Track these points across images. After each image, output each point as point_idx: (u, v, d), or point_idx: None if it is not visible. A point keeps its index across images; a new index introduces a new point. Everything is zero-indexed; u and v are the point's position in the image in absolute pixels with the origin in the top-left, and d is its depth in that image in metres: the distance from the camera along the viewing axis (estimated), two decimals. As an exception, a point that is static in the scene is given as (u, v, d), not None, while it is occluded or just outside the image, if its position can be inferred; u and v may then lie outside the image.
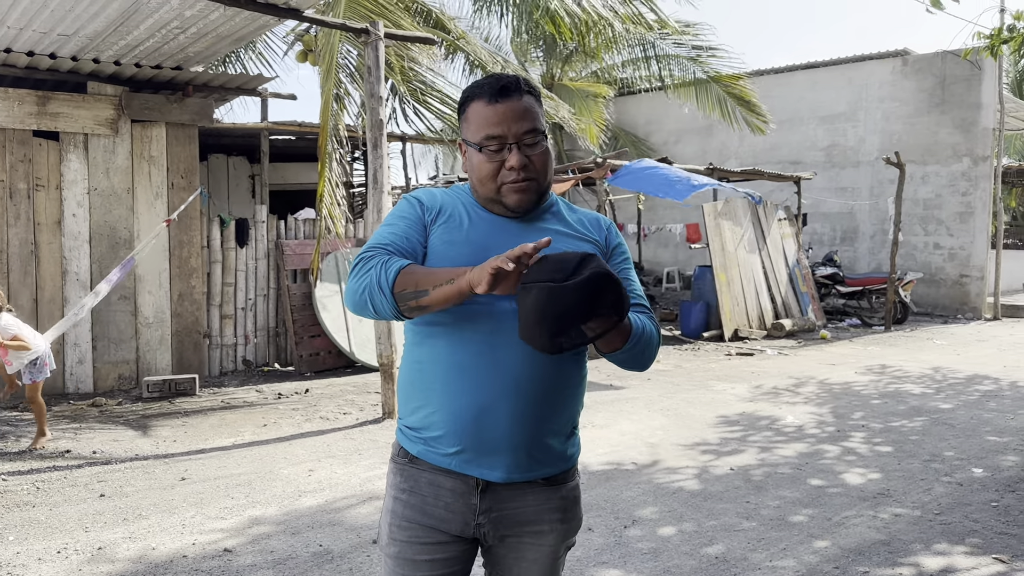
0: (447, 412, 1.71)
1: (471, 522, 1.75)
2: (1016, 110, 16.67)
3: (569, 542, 1.87)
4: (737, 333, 11.63)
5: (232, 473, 5.18)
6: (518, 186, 1.72)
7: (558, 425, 1.77)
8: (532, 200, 1.75)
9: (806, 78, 16.79)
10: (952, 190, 15.20)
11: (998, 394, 7.82)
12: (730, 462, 5.45)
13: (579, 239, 1.81)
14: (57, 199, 7.59)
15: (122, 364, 7.93)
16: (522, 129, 1.71)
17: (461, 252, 1.71)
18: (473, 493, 1.74)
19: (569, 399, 1.79)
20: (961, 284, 15.22)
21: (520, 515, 1.77)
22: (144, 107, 7.91)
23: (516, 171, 1.71)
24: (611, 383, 8.32)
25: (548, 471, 1.78)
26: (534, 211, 1.80)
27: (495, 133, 1.70)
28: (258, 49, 12.67)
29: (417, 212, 1.80)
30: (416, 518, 1.77)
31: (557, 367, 1.72)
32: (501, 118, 1.71)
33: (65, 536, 4.07)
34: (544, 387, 1.71)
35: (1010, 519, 4.37)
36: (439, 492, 1.75)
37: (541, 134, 1.74)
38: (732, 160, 17.05)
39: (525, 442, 1.72)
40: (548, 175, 1.78)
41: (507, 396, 1.68)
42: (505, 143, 1.71)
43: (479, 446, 1.71)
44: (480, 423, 1.69)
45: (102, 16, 6.22)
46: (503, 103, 1.72)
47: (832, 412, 7.01)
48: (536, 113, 1.74)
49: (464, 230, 1.75)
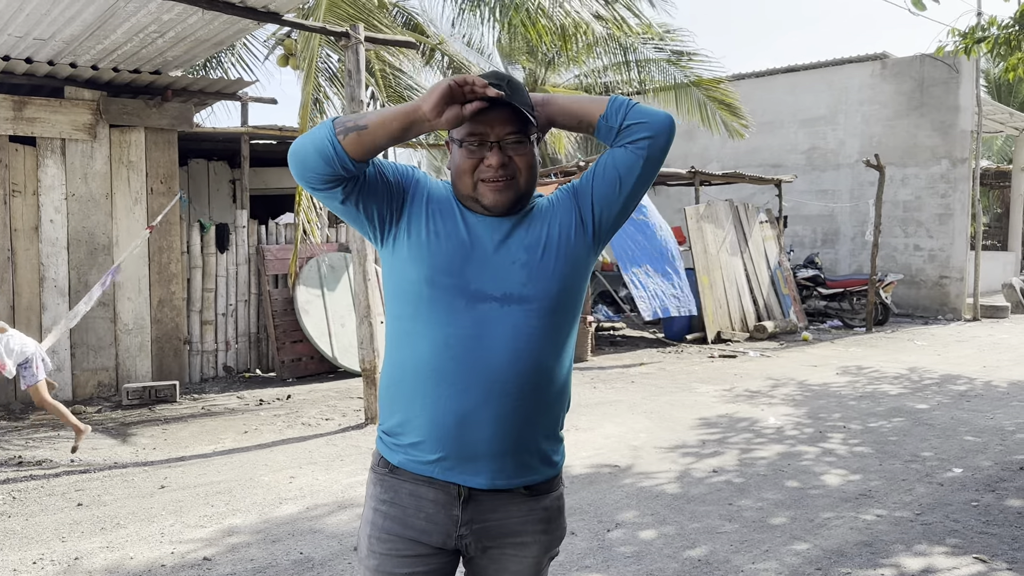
0: (428, 417, 1.68)
1: (453, 533, 1.73)
2: (993, 112, 16.87)
3: (552, 553, 1.84)
4: (720, 335, 11.68)
5: (212, 481, 5.13)
6: (495, 184, 1.70)
7: (544, 427, 1.75)
8: (509, 200, 1.72)
9: (786, 81, 16.91)
10: (931, 192, 15.34)
11: (976, 394, 7.89)
12: (712, 464, 5.46)
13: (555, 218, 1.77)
14: (34, 205, 7.51)
15: (101, 371, 7.85)
16: (506, 130, 1.70)
17: (443, 248, 1.70)
18: (455, 504, 1.72)
19: (554, 399, 1.76)
20: (941, 285, 15.36)
21: (503, 526, 1.75)
22: (123, 112, 7.84)
23: (494, 169, 1.69)
24: (595, 386, 8.32)
25: (533, 478, 1.76)
26: (516, 214, 1.77)
27: (478, 131, 1.69)
28: (239, 53, 12.61)
29: (409, 175, 1.79)
30: (396, 530, 1.74)
31: (541, 365, 1.70)
32: (485, 117, 1.69)
33: (41, 546, 4.01)
34: (528, 387, 1.69)
35: (990, 519, 4.41)
36: (420, 503, 1.73)
37: (527, 138, 1.73)
38: (714, 163, 17.14)
39: (510, 446, 1.70)
40: (530, 180, 1.75)
41: (490, 399, 1.66)
42: (487, 141, 1.70)
43: (461, 452, 1.68)
44: (463, 428, 1.67)
45: (79, 20, 6.16)
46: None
47: (812, 413, 7.04)
48: (524, 118, 1.72)
49: (455, 223, 1.73)
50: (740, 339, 11.80)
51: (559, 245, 1.75)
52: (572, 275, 1.76)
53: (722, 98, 14.31)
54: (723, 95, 14.31)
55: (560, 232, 1.76)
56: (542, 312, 1.71)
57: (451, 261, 1.69)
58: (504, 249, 1.72)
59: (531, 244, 1.73)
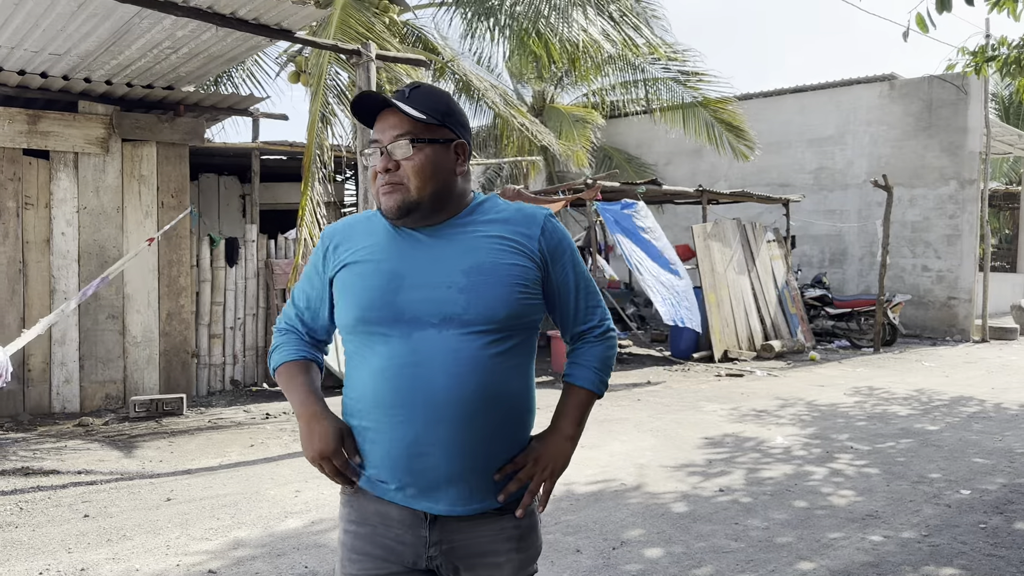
0: (381, 448, 1.66)
1: (423, 554, 1.69)
2: (1002, 134, 16.86)
3: (530, 570, 1.78)
4: (727, 354, 11.65)
5: (218, 494, 5.14)
6: (383, 189, 1.69)
7: (503, 450, 1.70)
8: (396, 205, 1.67)
9: (795, 101, 16.96)
10: (939, 213, 15.33)
11: (985, 416, 7.85)
12: (718, 483, 5.44)
13: (505, 246, 1.70)
14: (46, 217, 7.57)
15: (109, 384, 7.88)
16: (393, 134, 1.67)
17: (370, 284, 1.69)
18: (422, 525, 1.68)
19: (510, 420, 1.70)
20: (949, 306, 15.31)
21: (473, 546, 1.70)
22: (135, 126, 7.92)
23: (380, 175, 1.69)
24: (601, 404, 8.31)
25: (500, 500, 1.70)
26: (439, 222, 1.72)
27: (374, 138, 1.71)
28: (250, 69, 12.73)
29: (318, 259, 1.84)
30: (367, 549, 1.71)
31: (488, 390, 1.64)
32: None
33: (48, 557, 4.02)
34: (476, 412, 1.63)
35: (998, 541, 4.38)
36: (389, 522, 1.70)
37: (416, 140, 1.67)
38: (722, 182, 17.16)
39: (464, 472, 1.65)
40: (423, 184, 1.67)
41: (436, 426, 1.61)
42: (381, 147, 1.69)
43: (418, 481, 1.65)
44: (412, 458, 1.63)
45: (94, 36, 6.25)
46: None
47: (820, 433, 7.01)
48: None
49: (376, 261, 1.71)
50: (747, 358, 11.77)
51: (506, 273, 1.67)
52: (520, 300, 1.68)
53: (729, 120, 14.37)
54: (730, 117, 14.38)
55: (506, 261, 1.69)
56: (488, 334, 1.64)
57: (383, 295, 1.66)
58: (440, 271, 1.67)
59: (470, 268, 1.66)
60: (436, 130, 1.69)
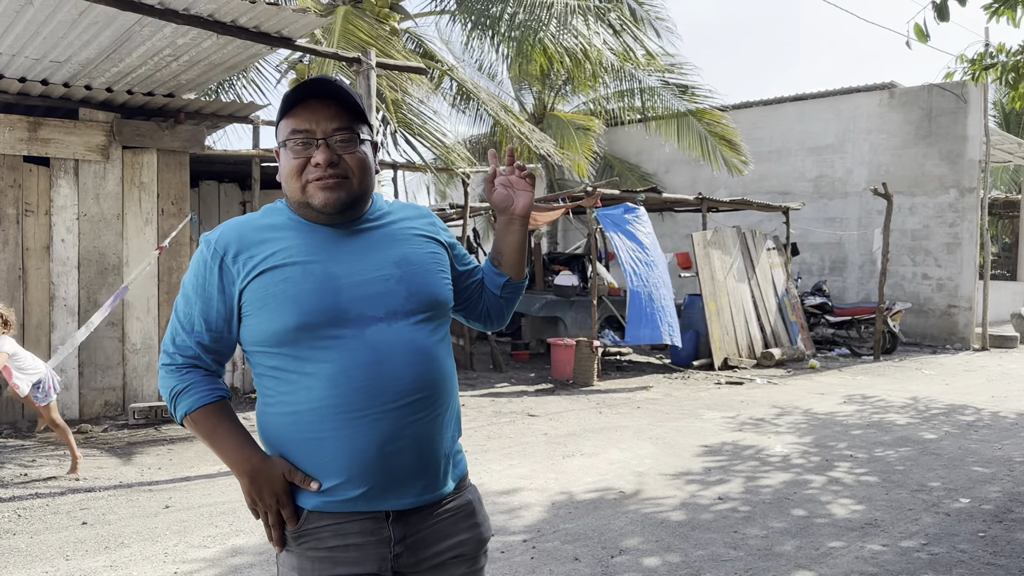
0: (346, 455, 1.59)
1: (387, 556, 1.65)
2: (1002, 142, 16.89)
3: (487, 540, 1.81)
4: (727, 362, 11.64)
5: (216, 501, 5.13)
6: (324, 183, 1.62)
7: (452, 432, 1.75)
8: (341, 200, 1.64)
9: (795, 110, 16.99)
10: (939, 221, 15.34)
11: (984, 424, 7.84)
12: (718, 491, 5.43)
13: (421, 237, 1.78)
14: (46, 224, 7.58)
15: (108, 391, 7.87)
16: (332, 126, 1.63)
17: (305, 288, 1.61)
18: (384, 526, 1.65)
19: (454, 402, 1.76)
20: (949, 314, 15.31)
21: (438, 531, 1.71)
22: (136, 133, 7.93)
23: (322, 167, 1.62)
24: (600, 411, 8.30)
25: (453, 482, 1.75)
26: (357, 218, 1.71)
27: (302, 128, 1.63)
28: (251, 76, 12.76)
29: (209, 274, 1.67)
30: (327, 569, 1.63)
31: (440, 373, 1.69)
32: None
33: (45, 564, 4.02)
34: (435, 398, 1.67)
35: (997, 549, 4.37)
36: (347, 538, 1.63)
37: (358, 137, 1.67)
38: (721, 190, 17.18)
39: (431, 460, 1.67)
40: (364, 179, 1.68)
41: (408, 419, 1.61)
42: (313, 139, 1.63)
43: (387, 480, 1.62)
44: (385, 457, 1.60)
45: (95, 44, 6.26)
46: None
47: (819, 441, 7.00)
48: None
49: (302, 263, 1.63)
50: (747, 366, 11.77)
51: (432, 261, 1.76)
52: (446, 285, 1.77)
53: (723, 133, 14.42)
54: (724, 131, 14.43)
55: (427, 250, 1.77)
56: (429, 321, 1.69)
57: (322, 296, 1.60)
58: (371, 266, 1.67)
59: (400, 259, 1.70)
60: (365, 126, 1.71)
